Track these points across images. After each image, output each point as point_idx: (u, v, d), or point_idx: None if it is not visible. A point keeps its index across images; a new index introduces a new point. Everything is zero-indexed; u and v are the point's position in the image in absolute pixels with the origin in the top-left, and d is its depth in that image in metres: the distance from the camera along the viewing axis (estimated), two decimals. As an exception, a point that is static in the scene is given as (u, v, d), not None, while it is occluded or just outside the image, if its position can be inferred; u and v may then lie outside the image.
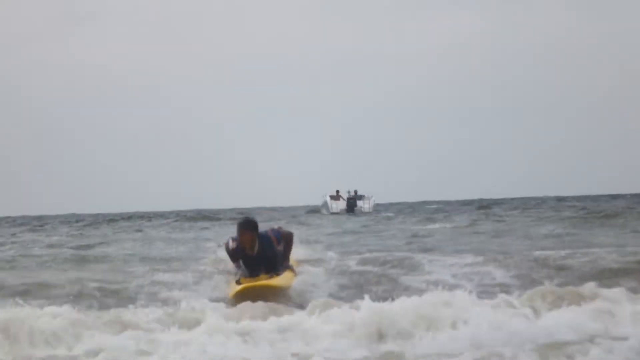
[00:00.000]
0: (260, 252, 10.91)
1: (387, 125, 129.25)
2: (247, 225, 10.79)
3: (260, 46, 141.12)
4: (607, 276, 11.16)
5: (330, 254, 15.45)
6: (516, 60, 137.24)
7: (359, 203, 58.78)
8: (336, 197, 59.75)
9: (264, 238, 11.00)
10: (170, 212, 72.21)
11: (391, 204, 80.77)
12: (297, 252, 12.64)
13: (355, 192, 60.00)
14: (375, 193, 60.89)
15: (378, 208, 60.77)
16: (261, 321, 7.80)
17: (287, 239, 11.51)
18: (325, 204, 59.11)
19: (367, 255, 14.75)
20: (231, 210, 73.93)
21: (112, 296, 11.13)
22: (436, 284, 9.44)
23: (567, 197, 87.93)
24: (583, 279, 10.42)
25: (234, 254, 10.95)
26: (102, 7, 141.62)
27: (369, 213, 54.50)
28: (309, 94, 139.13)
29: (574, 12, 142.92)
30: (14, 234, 35.62)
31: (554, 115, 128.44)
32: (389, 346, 7.18)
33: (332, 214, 54.52)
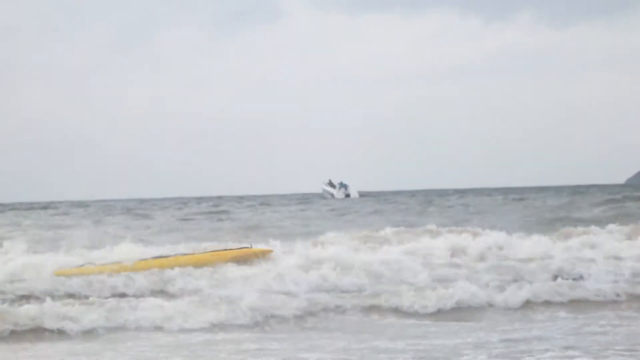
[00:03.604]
0: None
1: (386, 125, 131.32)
2: None
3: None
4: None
5: None
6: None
7: (351, 192, 69.48)
8: (331, 185, 70.27)
9: None
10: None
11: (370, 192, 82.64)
12: None
13: (341, 183, 70.53)
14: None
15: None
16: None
17: None
18: (327, 192, 69.95)
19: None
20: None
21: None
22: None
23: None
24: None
25: None
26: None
27: (357, 198, 65.23)
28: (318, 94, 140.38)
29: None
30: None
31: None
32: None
33: (337, 199, 64.33)
